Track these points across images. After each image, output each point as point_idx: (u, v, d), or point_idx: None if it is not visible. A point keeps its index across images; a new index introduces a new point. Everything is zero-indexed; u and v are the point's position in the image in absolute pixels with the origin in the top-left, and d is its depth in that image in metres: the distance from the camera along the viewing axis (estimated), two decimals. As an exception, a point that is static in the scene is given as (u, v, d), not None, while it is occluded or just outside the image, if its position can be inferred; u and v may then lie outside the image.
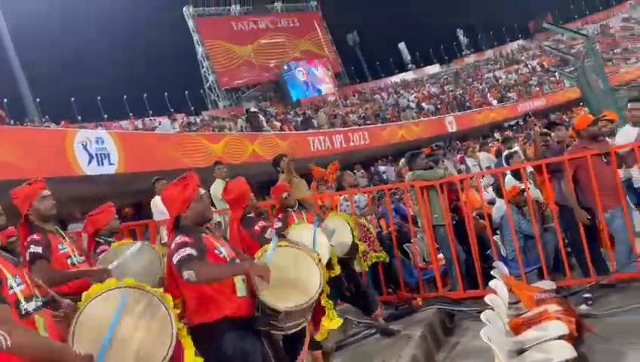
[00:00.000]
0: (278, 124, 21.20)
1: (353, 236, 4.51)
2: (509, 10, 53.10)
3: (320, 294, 2.84)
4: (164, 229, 6.24)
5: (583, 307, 4.46)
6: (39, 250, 3.09)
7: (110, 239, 4.00)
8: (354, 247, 4.50)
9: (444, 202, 5.46)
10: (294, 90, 36.94)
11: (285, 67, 37.66)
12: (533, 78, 37.10)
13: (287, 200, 4.62)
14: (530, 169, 6.03)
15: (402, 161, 12.91)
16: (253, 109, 22.50)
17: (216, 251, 2.76)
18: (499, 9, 54.27)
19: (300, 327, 2.82)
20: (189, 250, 2.59)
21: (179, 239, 2.65)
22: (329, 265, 4.00)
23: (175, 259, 2.59)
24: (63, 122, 16.33)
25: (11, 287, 1.97)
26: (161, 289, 2.42)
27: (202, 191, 2.89)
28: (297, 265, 2.93)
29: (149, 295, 2.32)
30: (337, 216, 4.80)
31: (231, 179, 6.82)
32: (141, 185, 8.15)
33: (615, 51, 39.50)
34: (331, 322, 3.13)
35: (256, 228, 3.84)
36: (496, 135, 27.70)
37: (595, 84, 15.43)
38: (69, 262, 3.21)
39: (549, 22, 33.31)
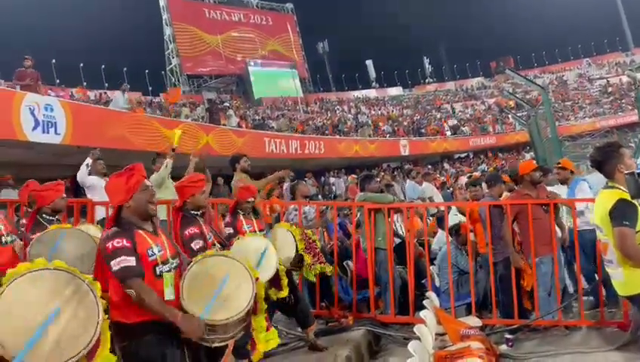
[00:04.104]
0: (237, 120, 20.99)
1: (297, 248, 4.48)
2: (475, 48, 55.20)
3: (247, 313, 2.78)
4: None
5: (503, 347, 4.65)
6: None
7: (52, 218, 3.82)
8: (299, 259, 4.47)
9: (388, 226, 5.57)
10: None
11: (251, 63, 37.41)
12: (487, 116, 38.54)
13: (249, 204, 4.50)
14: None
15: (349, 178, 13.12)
16: (225, 103, 22.25)
17: (148, 252, 2.67)
18: (466, 45, 56.30)
19: (225, 343, 2.74)
20: (128, 260, 2.53)
21: (116, 242, 2.57)
22: (278, 285, 3.95)
23: (114, 267, 2.53)
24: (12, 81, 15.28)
25: None
26: (91, 276, 2.35)
27: (147, 182, 2.83)
28: (232, 279, 2.83)
29: (78, 280, 2.25)
30: (282, 226, 4.77)
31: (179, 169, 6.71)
32: (85, 159, 7.84)
33: (566, 104, 41.63)
34: (267, 343, 3.06)
35: (187, 232, 3.63)
36: (446, 165, 28.60)
37: (544, 132, 16.23)
38: (2, 240, 3.00)
39: (510, 66, 34.79)
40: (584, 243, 5.08)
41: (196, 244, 3.53)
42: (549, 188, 5.58)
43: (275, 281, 3.85)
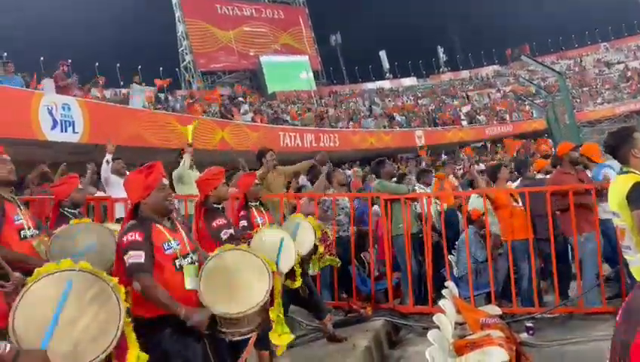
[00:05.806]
0: (251, 115, 21.04)
1: (315, 236, 4.46)
2: (489, 35, 54.42)
3: (263, 306, 2.76)
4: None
5: (524, 335, 4.62)
6: None
7: (74, 211, 3.89)
8: (314, 248, 4.46)
9: (406, 214, 5.55)
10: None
11: (264, 57, 37.41)
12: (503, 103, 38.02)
13: (257, 187, 4.48)
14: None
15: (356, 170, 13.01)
16: (239, 98, 22.33)
17: (164, 246, 2.70)
18: (480, 33, 55.58)
19: (244, 337, 2.74)
20: (139, 256, 2.57)
21: (130, 236, 2.62)
22: (293, 276, 3.96)
23: (127, 260, 2.58)
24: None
25: None
26: (116, 279, 2.33)
27: (165, 181, 2.87)
28: (249, 272, 2.84)
29: (102, 282, 2.23)
30: (298, 217, 4.77)
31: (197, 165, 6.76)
32: (103, 157, 7.95)
33: (583, 90, 40.88)
34: (279, 338, 3.04)
35: (214, 224, 3.71)
36: (461, 154, 28.30)
37: (562, 118, 16.00)
38: (21, 234, 3.06)
39: (526, 53, 34.26)
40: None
41: (225, 234, 3.60)
42: None
43: (288, 272, 3.86)
